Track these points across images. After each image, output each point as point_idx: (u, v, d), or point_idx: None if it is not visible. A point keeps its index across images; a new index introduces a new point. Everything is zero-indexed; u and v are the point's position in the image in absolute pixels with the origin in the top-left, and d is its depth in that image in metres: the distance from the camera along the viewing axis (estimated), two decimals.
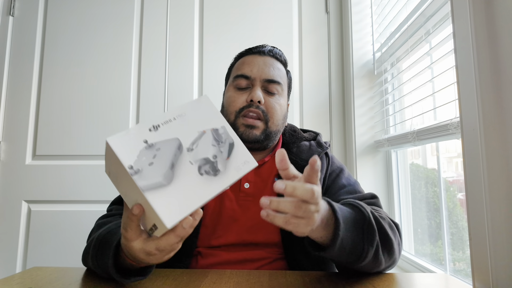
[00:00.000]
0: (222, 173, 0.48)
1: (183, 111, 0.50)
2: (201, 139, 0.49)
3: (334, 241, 0.52)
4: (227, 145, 0.50)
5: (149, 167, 0.43)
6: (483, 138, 0.57)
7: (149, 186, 0.42)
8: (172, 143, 0.47)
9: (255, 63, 0.81)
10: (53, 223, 1.44)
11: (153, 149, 0.45)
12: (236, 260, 0.74)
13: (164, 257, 0.49)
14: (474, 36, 0.60)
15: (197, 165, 0.47)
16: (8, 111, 1.51)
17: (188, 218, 0.45)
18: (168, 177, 0.44)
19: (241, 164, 0.50)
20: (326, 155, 0.83)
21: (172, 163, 0.45)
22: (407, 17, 1.09)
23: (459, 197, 0.93)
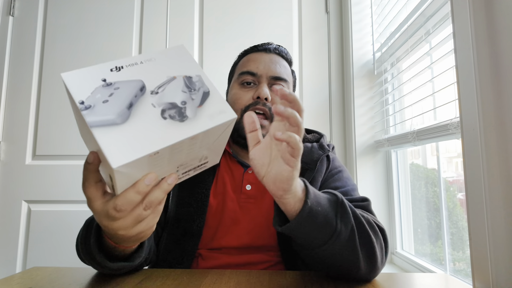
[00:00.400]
0: (191, 120, 0.40)
1: (153, 56, 0.44)
2: (170, 84, 0.43)
3: (303, 208, 0.49)
4: (201, 93, 0.43)
5: (102, 104, 0.38)
6: (483, 138, 0.57)
7: (99, 122, 0.37)
8: (134, 84, 0.41)
9: (261, 60, 0.80)
10: (53, 223, 1.44)
11: (110, 88, 0.40)
12: (237, 263, 0.73)
13: (128, 223, 0.42)
14: (474, 36, 0.59)
15: (160, 108, 0.40)
16: (8, 111, 1.51)
17: (152, 173, 0.40)
18: (123, 116, 0.38)
19: (215, 113, 0.42)
20: (327, 157, 0.80)
21: (131, 103, 0.39)
22: (407, 17, 1.09)
23: (459, 197, 0.93)
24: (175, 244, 0.73)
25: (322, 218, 0.51)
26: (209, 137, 0.43)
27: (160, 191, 0.42)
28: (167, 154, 0.39)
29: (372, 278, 0.60)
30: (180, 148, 0.40)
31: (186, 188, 0.76)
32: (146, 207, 0.41)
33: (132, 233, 0.44)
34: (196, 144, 0.42)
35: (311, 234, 0.52)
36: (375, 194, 1.31)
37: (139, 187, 0.39)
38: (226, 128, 0.44)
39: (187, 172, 0.47)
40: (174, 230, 0.74)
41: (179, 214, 0.74)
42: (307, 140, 0.83)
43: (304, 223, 0.51)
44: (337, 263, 0.55)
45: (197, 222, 0.73)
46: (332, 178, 0.76)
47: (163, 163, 0.41)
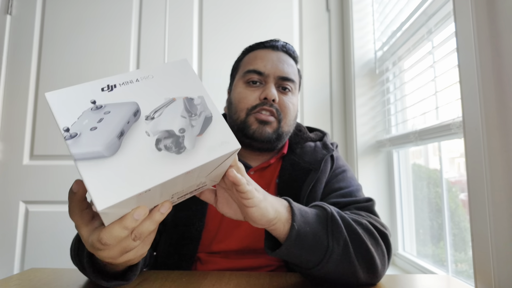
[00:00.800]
0: (189, 152, 0.36)
1: (151, 73, 0.40)
2: (168, 107, 0.38)
3: (290, 232, 0.49)
4: (202, 118, 0.38)
5: (90, 132, 0.34)
6: (486, 138, 0.56)
7: (84, 154, 0.33)
8: (127, 107, 0.36)
9: (269, 58, 0.77)
10: (51, 224, 1.43)
11: (100, 112, 0.35)
12: (237, 268, 0.72)
13: (114, 254, 0.39)
14: (477, 35, 0.59)
15: (155, 138, 0.36)
16: (6, 110, 1.50)
17: (141, 207, 0.36)
18: (112, 148, 0.34)
19: (217, 144, 0.37)
20: (331, 157, 0.77)
21: (122, 131, 0.35)
22: (409, 16, 1.08)
23: (461, 197, 0.92)
24: (174, 248, 0.72)
25: (311, 239, 0.51)
26: (207, 168, 0.39)
27: (151, 222, 0.38)
28: (159, 190, 0.35)
29: (375, 283, 0.59)
30: (174, 182, 0.36)
31: None
32: (135, 237, 0.38)
33: (120, 261, 0.41)
34: (193, 176, 0.38)
35: (303, 257, 0.52)
36: (377, 195, 1.30)
37: (126, 222, 0.35)
38: (228, 157, 0.40)
39: (182, 196, 0.44)
40: (173, 234, 0.72)
41: (178, 218, 0.72)
42: (310, 139, 0.81)
43: (294, 247, 0.50)
44: (335, 278, 0.55)
45: (196, 226, 0.72)
46: (336, 179, 0.75)
47: (155, 197, 0.37)
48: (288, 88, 0.77)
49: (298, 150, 0.78)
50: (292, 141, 0.81)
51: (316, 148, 0.78)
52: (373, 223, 0.60)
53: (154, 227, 0.39)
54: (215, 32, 1.53)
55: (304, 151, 0.78)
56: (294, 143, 0.81)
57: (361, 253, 0.54)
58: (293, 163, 0.76)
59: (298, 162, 0.76)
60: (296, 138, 0.81)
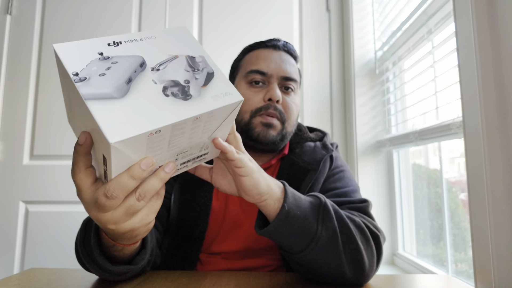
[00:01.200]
0: (195, 99, 0.37)
1: (153, 34, 0.42)
2: (172, 62, 0.40)
3: (280, 211, 0.50)
4: (205, 73, 0.41)
5: (98, 77, 0.35)
6: (486, 138, 0.56)
7: (94, 95, 0.33)
8: (134, 59, 0.38)
9: (271, 58, 0.76)
10: (51, 224, 1.43)
11: (108, 62, 0.37)
12: (237, 268, 0.72)
13: (118, 215, 0.38)
14: (477, 35, 0.59)
15: (161, 85, 0.37)
16: (6, 110, 1.50)
17: (149, 158, 0.36)
18: (121, 91, 0.35)
19: (221, 94, 0.39)
20: (330, 157, 0.77)
21: (130, 77, 0.36)
22: (409, 16, 1.08)
23: (462, 197, 0.92)
24: (177, 249, 0.72)
25: (301, 222, 0.51)
26: (212, 121, 0.40)
27: (157, 179, 0.38)
28: (168, 135, 0.36)
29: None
30: (182, 129, 0.37)
31: (188, 191, 0.74)
32: (139, 197, 0.38)
33: (124, 229, 0.40)
34: (199, 128, 0.39)
35: (290, 239, 0.52)
36: (377, 195, 1.30)
37: (133, 171, 0.36)
38: (231, 112, 0.41)
39: (185, 163, 0.45)
40: (176, 235, 0.72)
41: (182, 218, 0.72)
42: (310, 139, 0.81)
43: (282, 227, 0.51)
44: (320, 268, 0.55)
45: (200, 227, 0.72)
46: (332, 178, 0.74)
47: (163, 148, 0.38)
48: (291, 87, 0.77)
49: (297, 150, 0.78)
50: (292, 141, 0.81)
51: (315, 148, 0.78)
52: (366, 223, 0.60)
53: (159, 186, 0.39)
54: (215, 31, 1.53)
55: (304, 151, 0.78)
56: (294, 142, 0.80)
57: (349, 247, 0.54)
58: (292, 163, 0.76)
59: (297, 162, 0.76)
60: (296, 138, 0.81)
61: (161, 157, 0.39)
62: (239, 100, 0.40)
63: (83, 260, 0.53)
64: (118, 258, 0.51)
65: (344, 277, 0.55)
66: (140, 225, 0.41)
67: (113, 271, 0.51)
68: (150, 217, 0.41)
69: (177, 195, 0.73)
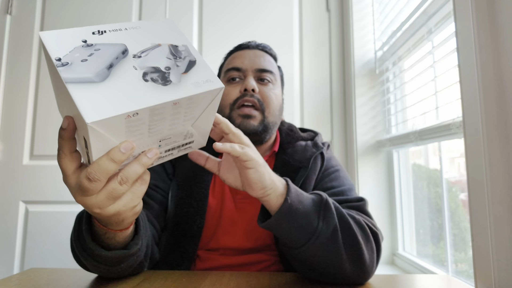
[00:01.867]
0: (175, 85, 0.38)
1: (138, 25, 0.43)
2: (154, 50, 0.41)
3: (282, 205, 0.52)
4: (187, 61, 0.41)
5: (80, 63, 0.36)
6: (486, 138, 0.56)
7: (75, 79, 0.35)
8: (116, 47, 0.39)
9: (245, 55, 0.81)
10: (51, 224, 1.43)
11: (91, 48, 0.38)
12: (235, 264, 0.73)
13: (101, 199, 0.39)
14: (477, 35, 0.59)
15: (142, 71, 0.38)
16: (6, 110, 1.50)
17: (127, 141, 0.37)
18: (102, 75, 0.36)
19: (202, 81, 0.40)
20: (322, 156, 0.78)
21: (111, 64, 0.37)
22: (409, 16, 1.08)
23: (462, 197, 0.92)
24: (175, 245, 0.73)
25: (302, 217, 0.52)
26: (193, 108, 0.41)
27: (138, 164, 0.40)
28: (147, 119, 0.37)
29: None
30: (161, 114, 0.38)
31: (185, 188, 0.75)
32: (122, 181, 0.39)
33: (109, 212, 0.41)
34: (180, 114, 0.40)
35: (291, 233, 0.53)
36: (377, 195, 1.30)
37: (113, 154, 0.37)
38: (213, 100, 0.42)
39: (170, 150, 0.45)
40: (174, 232, 0.73)
41: (179, 215, 0.73)
42: (302, 139, 0.83)
43: (283, 220, 0.52)
44: (320, 265, 0.55)
45: (197, 223, 0.73)
46: (328, 177, 0.75)
47: (143, 133, 0.38)
48: (267, 79, 0.79)
49: (289, 150, 0.80)
50: (284, 140, 0.82)
51: (306, 146, 0.80)
52: (365, 221, 0.61)
53: (141, 171, 0.40)
54: (215, 32, 1.53)
55: (295, 150, 0.79)
56: (286, 142, 0.82)
57: (349, 243, 0.55)
58: (284, 162, 0.77)
59: (288, 161, 0.77)
60: (288, 138, 0.83)
61: (143, 142, 0.40)
62: (220, 87, 0.41)
63: (77, 252, 0.53)
64: (111, 246, 0.51)
65: (344, 273, 0.56)
66: (125, 209, 0.42)
67: (107, 257, 0.50)
68: (135, 201, 0.42)
69: (174, 192, 0.75)
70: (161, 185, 0.76)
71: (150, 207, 0.72)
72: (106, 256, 0.50)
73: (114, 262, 0.52)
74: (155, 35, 0.43)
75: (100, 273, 0.58)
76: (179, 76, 0.39)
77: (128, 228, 0.50)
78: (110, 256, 0.50)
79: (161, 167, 0.80)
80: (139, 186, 0.42)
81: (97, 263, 0.52)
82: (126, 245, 0.53)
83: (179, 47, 0.42)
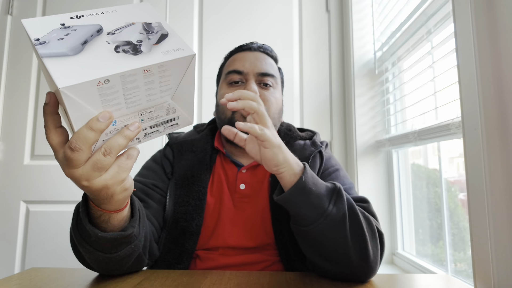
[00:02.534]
0: (145, 54, 0.40)
1: (115, 9, 0.46)
2: (128, 28, 0.43)
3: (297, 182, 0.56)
4: (159, 34, 0.43)
5: (57, 41, 0.39)
6: (485, 138, 0.57)
7: (51, 54, 0.37)
8: (92, 26, 0.42)
9: (247, 58, 0.81)
10: (52, 224, 1.44)
11: (67, 29, 0.41)
12: (235, 264, 0.73)
13: (87, 170, 0.41)
14: (476, 35, 0.59)
15: (114, 45, 0.40)
16: (7, 110, 1.50)
17: (106, 111, 0.39)
18: (75, 50, 0.39)
19: (172, 50, 0.41)
20: (320, 154, 0.79)
21: (85, 40, 0.40)
22: (408, 16, 1.08)
23: (461, 197, 0.93)
24: (174, 243, 0.73)
25: (314, 197, 0.56)
26: (167, 77, 0.42)
27: (121, 136, 0.41)
28: (120, 87, 0.39)
29: (367, 277, 0.60)
30: (134, 82, 0.39)
31: (183, 186, 0.76)
32: (105, 152, 0.41)
33: (97, 185, 0.42)
34: (154, 84, 0.41)
35: (302, 210, 0.56)
36: (376, 194, 1.31)
37: (91, 122, 0.38)
38: (187, 69, 0.43)
39: (155, 127, 0.46)
40: (173, 230, 0.74)
41: (178, 213, 0.74)
42: (300, 138, 0.83)
43: (296, 196, 0.56)
44: (327, 248, 0.57)
45: (196, 221, 0.73)
46: (329, 177, 0.77)
47: (120, 103, 0.40)
48: (269, 83, 0.80)
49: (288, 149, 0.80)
50: (283, 140, 0.82)
51: (305, 145, 0.81)
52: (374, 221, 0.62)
53: (123, 143, 0.42)
54: (215, 34, 1.53)
55: (294, 149, 0.79)
56: (285, 142, 0.81)
57: (356, 232, 0.57)
58: None
59: None
60: (286, 137, 0.83)
61: (122, 113, 0.41)
62: (191, 55, 0.42)
63: (76, 241, 0.54)
64: (108, 230, 0.52)
65: (349, 260, 0.57)
66: (112, 182, 0.43)
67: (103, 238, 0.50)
68: (121, 174, 0.44)
69: (172, 191, 0.76)
70: (159, 184, 0.76)
71: (149, 205, 0.72)
72: (103, 238, 0.50)
73: (110, 247, 0.53)
74: (130, 16, 0.45)
75: (99, 267, 0.58)
76: (150, 47, 0.41)
77: (122, 210, 0.51)
78: (106, 237, 0.50)
79: (159, 166, 0.80)
80: (124, 160, 0.44)
81: (94, 249, 0.52)
82: (122, 229, 0.53)
83: (152, 24, 0.45)
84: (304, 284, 0.59)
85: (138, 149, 0.46)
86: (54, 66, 0.36)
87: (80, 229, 0.52)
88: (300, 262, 0.71)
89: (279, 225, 0.72)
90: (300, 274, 0.65)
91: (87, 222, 0.50)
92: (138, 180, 0.77)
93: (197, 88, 1.51)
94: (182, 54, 0.41)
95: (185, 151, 0.81)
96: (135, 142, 0.46)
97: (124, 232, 0.52)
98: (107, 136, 0.42)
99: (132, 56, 0.39)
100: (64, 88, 0.35)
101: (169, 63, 0.40)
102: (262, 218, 0.74)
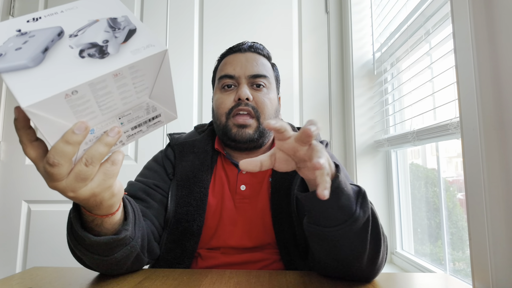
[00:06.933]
0: (113, 56, 0.36)
1: (75, 5, 0.42)
2: (91, 26, 0.39)
3: (334, 180, 0.49)
4: (126, 31, 0.39)
5: (14, 52, 0.35)
6: (483, 138, 0.57)
7: (9, 68, 0.34)
8: (51, 30, 0.38)
9: (237, 61, 0.80)
10: (53, 223, 1.44)
11: (25, 36, 0.37)
12: (236, 262, 0.73)
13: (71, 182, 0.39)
14: (474, 36, 0.60)
15: (78, 49, 0.37)
16: (8, 110, 1.51)
17: (80, 122, 0.36)
18: (36, 60, 0.35)
19: (142, 47, 0.38)
20: None
21: (46, 47, 0.36)
22: (407, 17, 1.09)
23: (459, 197, 0.93)
24: (175, 243, 0.73)
25: (345, 198, 0.51)
26: (141, 77, 0.39)
27: (101, 144, 0.39)
28: (91, 96, 0.36)
29: (372, 277, 0.59)
30: (105, 88, 0.36)
31: (185, 187, 0.76)
32: (86, 162, 0.39)
33: (83, 195, 0.41)
34: (128, 86, 0.38)
35: (329, 210, 0.51)
36: (375, 194, 1.31)
37: (66, 136, 0.36)
38: (161, 65, 0.40)
39: (137, 127, 0.44)
40: (174, 230, 0.74)
41: (179, 213, 0.74)
42: None
43: (329, 195, 0.50)
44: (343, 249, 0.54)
45: (197, 222, 0.74)
46: None
47: (94, 111, 0.37)
48: (262, 84, 0.79)
49: None
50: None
51: None
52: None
53: (104, 151, 0.39)
54: (216, 34, 1.53)
55: None
56: None
57: (375, 237, 0.55)
58: None
59: None
60: None
61: (99, 121, 0.39)
62: (163, 50, 0.38)
63: (72, 245, 0.53)
64: (101, 234, 0.51)
65: (361, 262, 0.55)
66: (100, 189, 0.42)
67: (97, 243, 0.50)
68: (107, 181, 0.42)
69: (174, 191, 0.76)
70: (161, 185, 0.77)
71: (150, 205, 0.73)
72: (96, 242, 0.50)
73: (105, 250, 0.52)
74: (93, 11, 0.41)
75: (99, 268, 0.58)
76: (117, 47, 0.37)
77: (114, 214, 0.50)
78: (100, 242, 0.50)
79: (161, 167, 0.80)
80: (109, 166, 0.42)
81: (91, 253, 0.52)
82: (115, 232, 0.53)
83: (118, 19, 0.41)
84: (304, 284, 0.59)
85: (123, 153, 0.44)
86: (14, 82, 0.33)
87: (75, 234, 0.52)
88: (300, 261, 0.71)
89: (280, 225, 0.73)
90: (300, 273, 0.65)
91: (79, 228, 0.50)
92: (140, 180, 0.77)
93: (197, 88, 1.51)
94: (153, 51, 0.37)
95: (186, 152, 0.82)
96: (118, 145, 0.43)
97: (117, 236, 0.52)
98: (87, 145, 0.39)
99: (99, 60, 0.36)
100: (28, 106, 0.32)
101: (140, 62, 0.37)
102: (262, 218, 0.75)
